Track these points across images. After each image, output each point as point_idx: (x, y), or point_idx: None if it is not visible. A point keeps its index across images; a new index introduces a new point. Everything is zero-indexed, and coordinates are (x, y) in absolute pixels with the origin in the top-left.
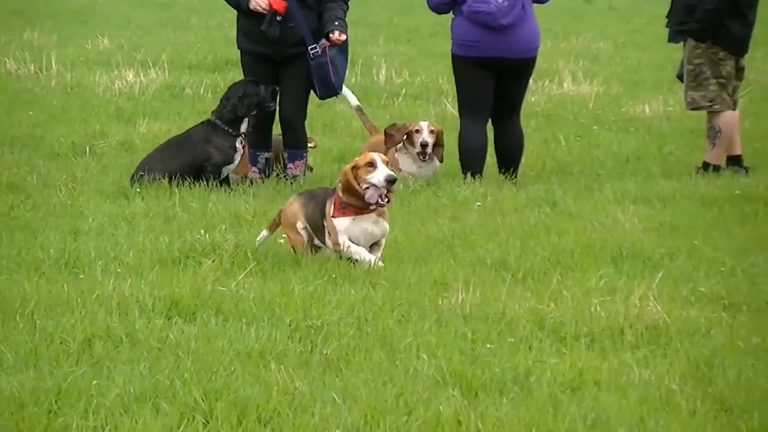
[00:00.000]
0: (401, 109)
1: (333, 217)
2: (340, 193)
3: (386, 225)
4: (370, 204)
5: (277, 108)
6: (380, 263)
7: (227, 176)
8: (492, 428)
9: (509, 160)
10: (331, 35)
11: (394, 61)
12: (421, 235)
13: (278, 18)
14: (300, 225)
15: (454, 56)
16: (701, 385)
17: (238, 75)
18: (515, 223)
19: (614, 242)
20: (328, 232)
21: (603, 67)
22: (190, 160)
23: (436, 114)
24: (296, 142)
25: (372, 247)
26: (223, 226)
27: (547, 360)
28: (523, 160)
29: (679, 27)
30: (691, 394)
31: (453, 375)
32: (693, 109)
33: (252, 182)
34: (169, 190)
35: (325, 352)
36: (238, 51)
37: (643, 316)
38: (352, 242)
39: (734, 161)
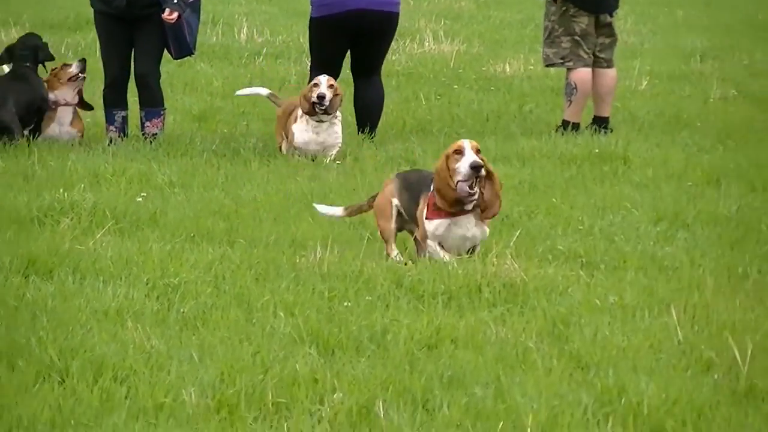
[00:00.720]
0: (262, 68)
1: (427, 218)
2: (435, 192)
3: (486, 229)
4: (465, 206)
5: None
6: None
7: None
8: (348, 386)
9: (368, 116)
10: (163, 14)
11: (256, 20)
12: (280, 193)
13: None
14: (393, 214)
15: (313, 20)
16: (557, 343)
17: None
18: (374, 181)
19: None
20: (417, 226)
21: (464, 26)
22: (29, 99)
23: (297, 73)
24: (153, 100)
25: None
26: (82, 185)
27: (404, 318)
28: (383, 118)
29: None
30: (547, 352)
31: (310, 333)
32: (548, 65)
33: (111, 141)
34: (27, 148)
35: (182, 310)
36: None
37: (500, 273)
38: (445, 247)
39: (599, 122)
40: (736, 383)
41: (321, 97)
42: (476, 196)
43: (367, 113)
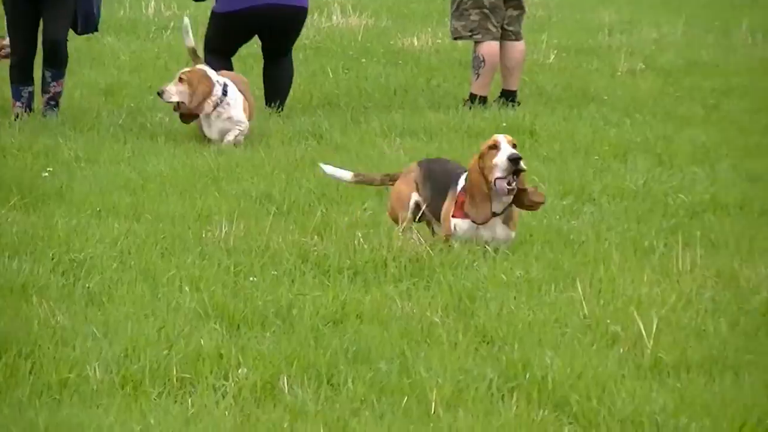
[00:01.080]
0: (170, 42)
1: (453, 216)
2: (467, 195)
3: (512, 233)
4: (495, 212)
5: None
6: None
7: None
8: (253, 361)
9: (277, 91)
10: None
11: None
12: (186, 168)
13: None
14: (411, 205)
15: (216, 14)
16: (463, 318)
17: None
18: (281, 155)
19: None
20: (439, 221)
21: (372, 0)
22: None
23: None
24: (60, 63)
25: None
26: None
27: (310, 293)
28: (290, 93)
29: None
30: (452, 326)
31: (215, 308)
32: (456, 38)
33: (17, 116)
34: None
35: (87, 285)
36: None
37: (406, 248)
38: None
39: (507, 96)
40: (641, 357)
41: (159, 94)
42: (514, 193)
43: (275, 90)
